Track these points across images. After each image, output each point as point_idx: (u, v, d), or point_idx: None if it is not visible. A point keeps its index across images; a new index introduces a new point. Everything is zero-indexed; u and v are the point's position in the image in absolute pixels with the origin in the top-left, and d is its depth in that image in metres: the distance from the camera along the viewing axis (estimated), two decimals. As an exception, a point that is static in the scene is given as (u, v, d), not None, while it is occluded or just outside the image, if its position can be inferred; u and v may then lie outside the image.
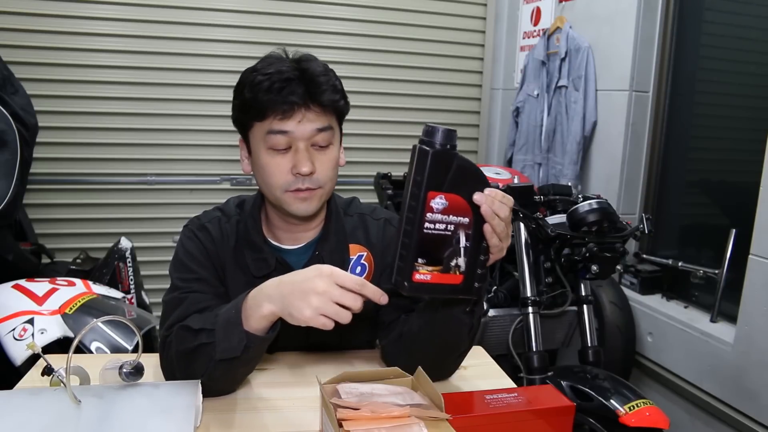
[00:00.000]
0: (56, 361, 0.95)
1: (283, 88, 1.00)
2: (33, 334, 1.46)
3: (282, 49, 1.09)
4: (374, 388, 0.83)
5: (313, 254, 1.13)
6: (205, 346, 0.92)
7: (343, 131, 1.14)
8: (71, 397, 0.83)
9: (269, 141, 1.03)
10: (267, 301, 0.88)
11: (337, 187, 1.17)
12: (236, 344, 0.90)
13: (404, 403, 0.79)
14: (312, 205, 1.07)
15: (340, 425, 0.73)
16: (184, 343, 0.95)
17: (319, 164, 1.05)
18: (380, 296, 0.84)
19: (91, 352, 1.48)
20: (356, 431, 0.71)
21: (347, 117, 1.15)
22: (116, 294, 1.82)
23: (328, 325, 0.83)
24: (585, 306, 1.78)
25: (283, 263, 1.12)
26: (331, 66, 1.12)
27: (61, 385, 0.92)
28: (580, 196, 1.91)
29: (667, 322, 2.23)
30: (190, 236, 1.12)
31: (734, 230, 2.02)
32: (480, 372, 1.16)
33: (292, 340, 1.17)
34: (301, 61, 1.06)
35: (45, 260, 2.46)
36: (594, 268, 1.68)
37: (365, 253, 1.16)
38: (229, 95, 1.10)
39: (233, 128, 1.13)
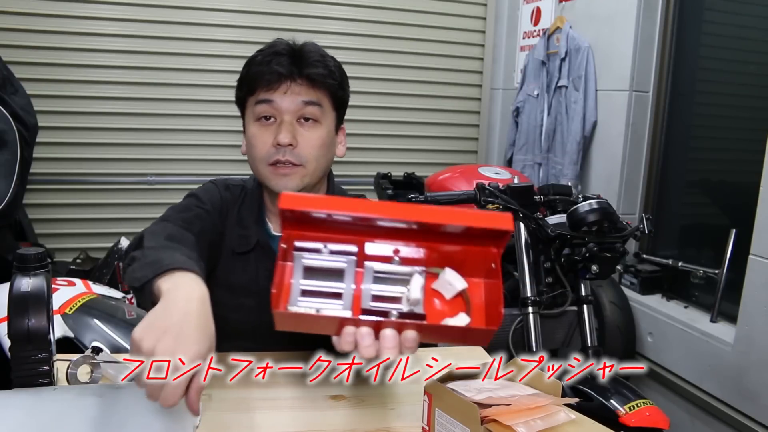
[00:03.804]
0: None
1: (270, 61, 1.03)
2: (33, 334, 1.46)
3: (291, 38, 1.10)
4: (483, 384, 0.84)
5: None
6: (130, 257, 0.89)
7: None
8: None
9: (256, 111, 1.06)
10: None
11: (337, 187, 1.17)
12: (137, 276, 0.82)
13: (523, 393, 0.81)
14: (291, 183, 1.05)
15: (483, 422, 0.73)
16: (133, 243, 0.95)
17: (302, 139, 1.05)
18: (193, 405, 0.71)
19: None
20: (517, 424, 0.72)
21: (349, 117, 1.15)
22: (116, 294, 1.82)
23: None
24: (585, 306, 1.78)
25: (264, 246, 1.11)
26: None
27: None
28: (580, 196, 1.90)
29: (667, 322, 2.23)
30: (214, 188, 1.15)
31: (734, 230, 2.02)
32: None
33: (290, 342, 1.17)
34: (299, 44, 1.08)
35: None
36: (594, 268, 1.67)
37: None
38: (229, 95, 1.12)
39: (233, 128, 1.14)
